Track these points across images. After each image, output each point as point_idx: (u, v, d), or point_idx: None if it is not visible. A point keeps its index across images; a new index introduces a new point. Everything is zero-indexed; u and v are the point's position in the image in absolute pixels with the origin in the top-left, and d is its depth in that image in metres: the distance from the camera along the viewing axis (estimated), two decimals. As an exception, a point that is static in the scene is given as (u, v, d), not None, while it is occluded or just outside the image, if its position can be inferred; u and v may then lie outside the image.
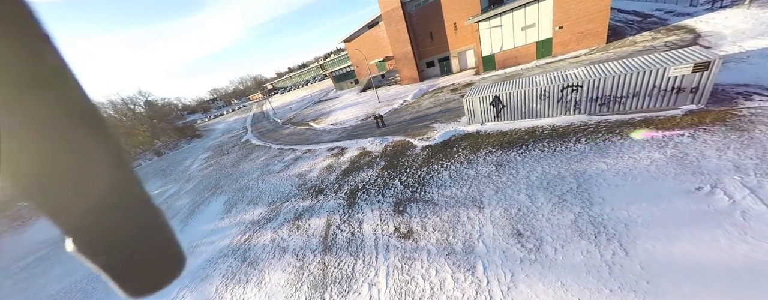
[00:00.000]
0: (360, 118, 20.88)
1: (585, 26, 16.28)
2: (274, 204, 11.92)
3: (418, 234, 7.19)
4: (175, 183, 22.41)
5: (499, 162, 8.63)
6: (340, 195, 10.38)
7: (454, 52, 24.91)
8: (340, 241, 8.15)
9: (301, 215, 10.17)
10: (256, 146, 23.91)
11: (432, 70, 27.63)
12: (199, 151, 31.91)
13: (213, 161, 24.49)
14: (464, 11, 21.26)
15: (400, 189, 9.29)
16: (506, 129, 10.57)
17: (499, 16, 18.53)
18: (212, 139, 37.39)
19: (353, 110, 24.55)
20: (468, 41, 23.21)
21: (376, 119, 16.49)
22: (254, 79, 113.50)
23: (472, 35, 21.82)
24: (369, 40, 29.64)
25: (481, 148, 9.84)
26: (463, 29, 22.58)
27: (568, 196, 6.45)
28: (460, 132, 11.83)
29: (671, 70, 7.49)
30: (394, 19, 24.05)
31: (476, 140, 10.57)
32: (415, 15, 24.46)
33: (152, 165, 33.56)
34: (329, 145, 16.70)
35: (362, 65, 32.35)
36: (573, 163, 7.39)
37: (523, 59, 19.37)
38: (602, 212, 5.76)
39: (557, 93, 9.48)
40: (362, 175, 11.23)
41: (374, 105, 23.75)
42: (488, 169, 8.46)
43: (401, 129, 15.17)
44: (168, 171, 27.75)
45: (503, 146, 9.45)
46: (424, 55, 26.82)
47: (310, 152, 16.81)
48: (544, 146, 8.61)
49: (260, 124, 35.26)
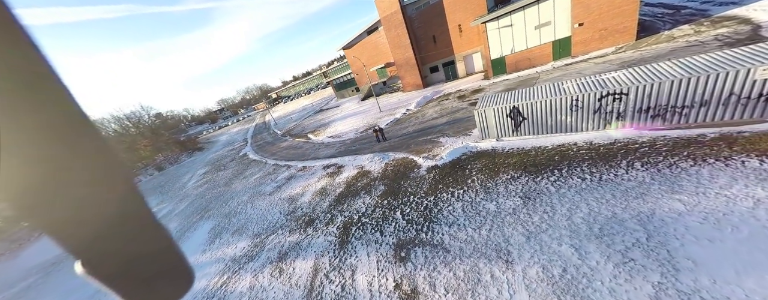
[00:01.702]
0: (360, 130, 19.38)
1: (609, 22, 14.40)
2: (258, 236, 10.39)
3: (426, 296, 5.44)
4: (170, 201, 21.40)
5: (526, 193, 6.82)
6: (332, 229, 8.75)
7: (460, 56, 23.29)
8: (327, 296, 6.47)
9: (286, 255, 8.57)
10: (253, 161, 22.75)
11: (436, 75, 26.05)
12: (199, 165, 31.14)
13: (209, 178, 23.44)
14: (469, 12, 19.72)
15: (402, 225, 7.58)
16: (529, 147, 8.76)
17: (508, 15, 16.88)
18: (213, 152, 36.74)
19: (353, 121, 23.13)
20: (474, 43, 21.58)
21: (376, 132, 14.93)
22: (260, 89, 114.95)
23: (479, 37, 20.21)
24: (369, 47, 28.45)
25: (500, 172, 8.06)
26: (468, 31, 21.00)
27: (635, 253, 4.59)
28: (472, 149, 10.09)
29: (760, 71, 5.60)
30: (394, 24, 22.74)
31: (493, 161, 8.79)
32: (417, 18, 23.10)
33: (152, 181, 33.02)
34: (325, 162, 15.22)
35: (362, 73, 31.13)
36: (632, 200, 5.52)
37: (537, 61, 17.53)
38: (698, 287, 3.89)
39: (594, 102, 7.66)
40: (358, 203, 9.59)
41: (375, 115, 22.27)
42: (513, 203, 6.66)
43: (404, 143, 13.52)
44: (166, 187, 26.94)
45: (528, 170, 7.64)
46: (427, 60, 25.32)
47: (304, 170, 15.36)
48: (584, 172, 6.76)
49: (260, 136, 34.37)
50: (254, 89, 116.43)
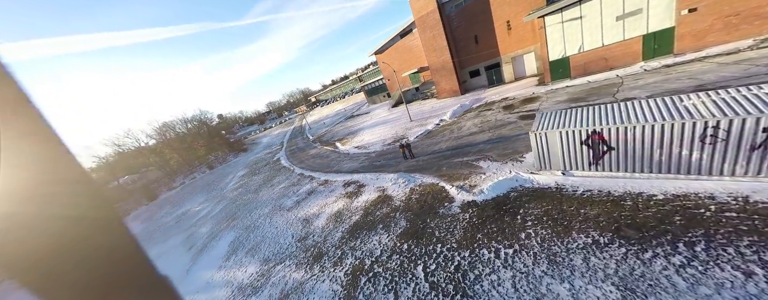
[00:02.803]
0: (386, 142, 17.88)
1: (743, 3, 10.07)
2: (267, 263, 9.63)
3: None
4: (211, 202, 23.06)
5: (625, 280, 4.31)
6: (339, 274, 7.33)
7: (507, 57, 20.05)
8: None
9: (287, 298, 7.45)
10: (282, 168, 23.18)
11: (477, 80, 23.10)
12: (240, 166, 33.65)
13: (244, 181, 24.72)
14: (522, 5, 16.62)
15: (424, 289, 5.72)
16: (620, 191, 6.02)
17: (578, 5, 13.45)
18: (254, 153, 39.59)
19: (381, 130, 21.78)
20: (526, 42, 18.22)
21: (403, 148, 13.21)
22: (302, 93, 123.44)
23: (534, 34, 16.90)
24: (402, 51, 26.89)
25: (573, 229, 5.58)
26: (519, 28, 17.80)
27: None
28: (525, 183, 7.63)
29: None
30: (430, 24, 20.74)
31: (560, 207, 6.28)
32: (456, 17, 20.69)
33: (204, 178, 36.96)
34: (347, 177, 14.11)
35: (394, 78, 29.73)
36: None
37: (618, 61, 13.62)
38: None
39: (751, 133, 4.69)
40: (373, 241, 8.01)
41: (404, 124, 20.53)
42: (602, 295, 4.24)
43: (434, 164, 11.51)
44: (212, 186, 29.55)
45: (624, 234, 5.03)
46: (466, 64, 22.60)
47: (325, 185, 14.50)
48: (747, 259, 3.96)
49: (294, 141, 35.68)
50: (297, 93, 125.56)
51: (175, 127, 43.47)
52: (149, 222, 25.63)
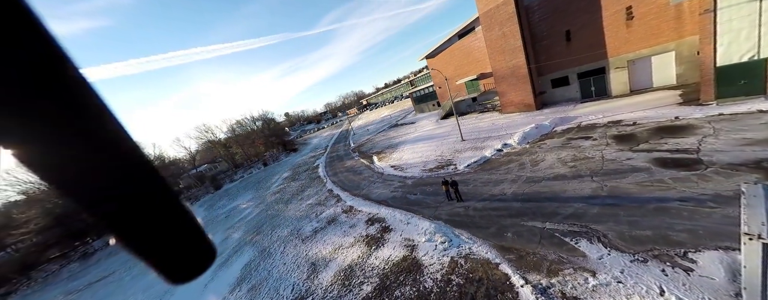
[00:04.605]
0: (427, 167, 14.58)
1: None
2: (257, 321, 7.87)
3: None
4: (254, 201, 24.22)
5: None
6: None
7: (620, 60, 14.03)
8: None
9: None
10: (317, 178, 22.46)
11: (562, 91, 17.33)
12: (287, 167, 35.43)
13: (284, 185, 25.18)
14: (658, -20, 10.84)
15: None
16: None
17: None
18: (302, 155, 41.56)
19: (424, 148, 18.48)
20: (663, 37, 12.10)
21: (446, 186, 9.77)
22: (356, 95, 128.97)
23: (679, 25, 10.89)
24: (458, 54, 22.85)
25: None
26: (648, 16, 11.92)
27: None
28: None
29: None
30: (499, 20, 16.34)
31: None
32: (539, 8, 15.74)
33: (258, 174, 40.69)
34: (374, 210, 11.62)
35: (445, 87, 25.91)
36: None
37: None
38: None
39: None
40: (380, 356, 5.12)
41: (453, 144, 16.72)
42: None
43: (492, 220, 7.79)
44: (261, 184, 31.75)
45: None
46: (547, 69, 17.18)
47: (349, 214, 12.35)
48: None
49: (336, 147, 35.56)
50: (351, 95, 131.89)
51: (245, 124, 50.01)
52: (209, 211, 28.93)
